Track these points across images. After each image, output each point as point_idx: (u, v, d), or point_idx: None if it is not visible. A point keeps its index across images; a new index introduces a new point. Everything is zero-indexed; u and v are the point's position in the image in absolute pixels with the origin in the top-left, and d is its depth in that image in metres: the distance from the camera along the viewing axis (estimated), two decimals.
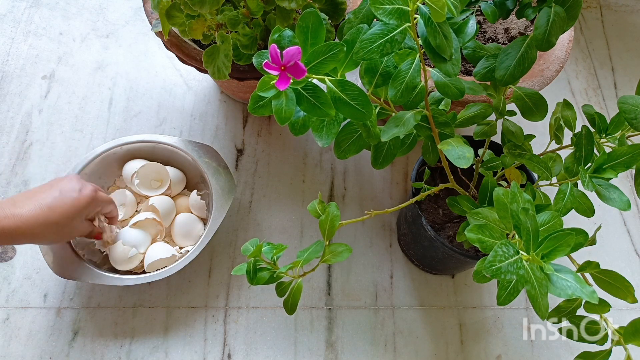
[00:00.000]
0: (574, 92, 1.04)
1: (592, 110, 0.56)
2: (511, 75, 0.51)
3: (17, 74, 0.98)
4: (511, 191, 0.47)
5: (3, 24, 1.04)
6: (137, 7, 1.08)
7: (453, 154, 0.48)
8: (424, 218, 0.69)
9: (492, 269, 0.40)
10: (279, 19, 0.66)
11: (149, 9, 0.79)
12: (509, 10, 0.56)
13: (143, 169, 0.79)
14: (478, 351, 0.78)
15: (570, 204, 0.51)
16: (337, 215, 0.54)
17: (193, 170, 0.83)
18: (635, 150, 0.48)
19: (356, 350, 0.77)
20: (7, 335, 0.76)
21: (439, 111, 0.54)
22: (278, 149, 0.93)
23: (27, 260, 0.81)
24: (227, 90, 0.95)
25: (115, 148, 0.81)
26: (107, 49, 1.03)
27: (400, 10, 0.41)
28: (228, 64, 0.66)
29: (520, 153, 0.60)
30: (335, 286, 0.82)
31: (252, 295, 0.80)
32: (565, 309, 0.53)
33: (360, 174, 0.92)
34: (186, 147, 0.81)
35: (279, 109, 0.41)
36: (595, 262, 0.52)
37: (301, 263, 0.55)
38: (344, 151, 0.53)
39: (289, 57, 0.38)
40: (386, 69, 0.49)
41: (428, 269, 0.83)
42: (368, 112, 0.43)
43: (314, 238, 0.86)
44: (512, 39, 0.85)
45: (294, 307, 0.55)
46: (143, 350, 0.76)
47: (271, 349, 0.77)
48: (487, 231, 0.45)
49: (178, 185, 0.83)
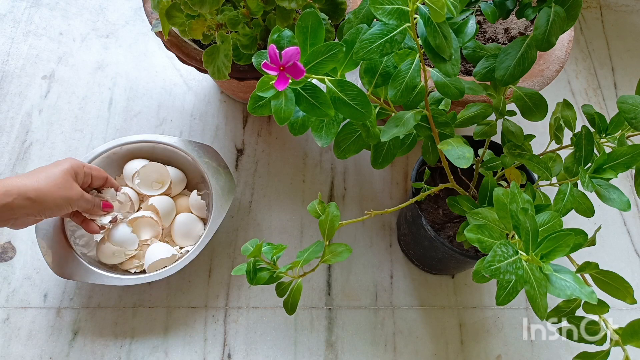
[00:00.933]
0: (574, 92, 1.04)
1: (592, 110, 0.56)
2: (511, 75, 0.51)
3: (17, 74, 0.99)
4: (511, 191, 0.47)
5: (3, 24, 1.04)
6: (137, 7, 1.08)
7: (453, 154, 0.48)
8: (423, 218, 0.69)
9: (491, 268, 0.40)
10: (279, 19, 0.66)
11: (149, 9, 0.79)
12: (509, 11, 0.56)
13: (144, 169, 0.79)
14: (478, 351, 0.78)
15: (570, 204, 0.51)
16: (336, 216, 0.54)
17: (193, 170, 0.83)
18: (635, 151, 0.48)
19: (356, 350, 0.77)
20: (7, 335, 0.76)
21: (438, 111, 0.54)
22: (278, 149, 0.93)
23: (27, 260, 0.81)
24: (227, 90, 0.95)
25: (115, 148, 0.81)
26: (107, 49, 1.03)
27: (399, 10, 0.41)
28: (228, 64, 0.66)
29: (520, 153, 0.60)
30: (335, 286, 0.82)
31: (252, 295, 0.81)
32: (564, 309, 0.53)
33: (360, 174, 0.92)
34: (186, 147, 0.81)
35: (278, 109, 0.41)
36: (594, 262, 0.52)
37: (301, 263, 0.55)
38: (343, 151, 0.53)
39: (288, 58, 0.38)
40: (386, 69, 0.49)
41: (428, 269, 0.83)
42: (367, 112, 0.43)
43: (314, 238, 0.86)
44: (512, 39, 0.85)
45: (294, 307, 0.55)
46: (143, 350, 0.76)
47: (271, 349, 0.77)
48: (487, 231, 0.45)
49: (178, 185, 0.83)
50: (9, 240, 0.83)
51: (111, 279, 0.72)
